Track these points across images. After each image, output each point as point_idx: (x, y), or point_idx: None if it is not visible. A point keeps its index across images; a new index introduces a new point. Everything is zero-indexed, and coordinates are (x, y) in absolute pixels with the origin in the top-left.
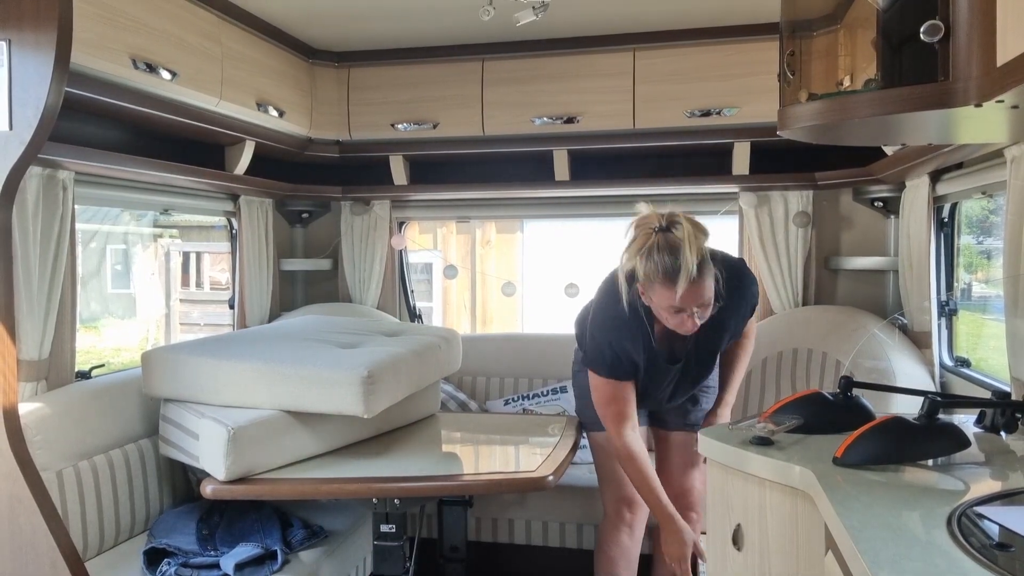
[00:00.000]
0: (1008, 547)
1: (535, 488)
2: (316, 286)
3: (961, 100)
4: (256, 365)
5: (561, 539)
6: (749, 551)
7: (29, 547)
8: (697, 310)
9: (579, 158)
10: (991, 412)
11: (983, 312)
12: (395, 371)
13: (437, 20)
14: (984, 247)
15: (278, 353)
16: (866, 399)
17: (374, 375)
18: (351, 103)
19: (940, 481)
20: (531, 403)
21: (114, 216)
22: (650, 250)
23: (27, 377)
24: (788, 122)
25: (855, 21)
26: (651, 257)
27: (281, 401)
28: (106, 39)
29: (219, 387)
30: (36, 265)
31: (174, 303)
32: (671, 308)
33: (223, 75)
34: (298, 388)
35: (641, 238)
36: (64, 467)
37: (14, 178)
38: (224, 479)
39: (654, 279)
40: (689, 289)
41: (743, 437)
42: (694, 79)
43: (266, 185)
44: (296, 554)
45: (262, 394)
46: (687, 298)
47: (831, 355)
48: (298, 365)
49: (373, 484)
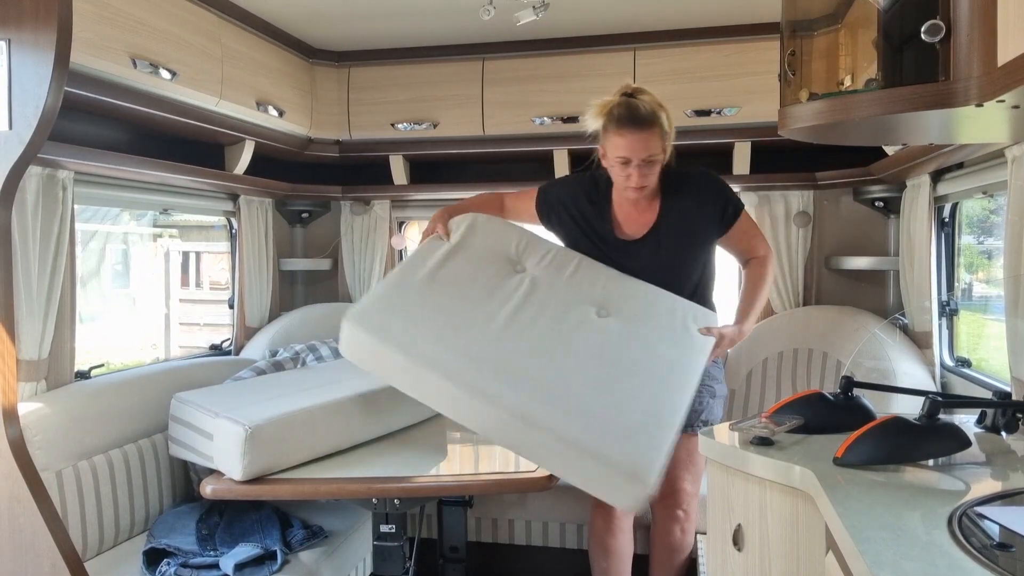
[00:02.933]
0: (1009, 547)
1: (535, 488)
2: (316, 286)
3: (962, 100)
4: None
5: (561, 539)
6: (749, 551)
7: (29, 547)
8: (642, 165)
9: (579, 158)
10: (992, 412)
11: (984, 312)
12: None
13: (437, 20)
14: (985, 247)
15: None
16: (867, 399)
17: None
18: (351, 103)
19: (941, 481)
20: None
21: (114, 216)
22: (612, 107)
23: (27, 377)
24: (788, 122)
25: (856, 21)
26: (611, 111)
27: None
28: (106, 39)
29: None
30: (36, 265)
31: (174, 303)
32: (618, 160)
33: (223, 75)
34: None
35: (610, 102)
36: (64, 467)
37: (14, 178)
38: (240, 479)
39: (608, 127)
40: (634, 134)
41: (743, 437)
42: (694, 79)
43: (266, 185)
44: (296, 554)
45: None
46: (635, 145)
47: (831, 355)
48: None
49: (373, 484)
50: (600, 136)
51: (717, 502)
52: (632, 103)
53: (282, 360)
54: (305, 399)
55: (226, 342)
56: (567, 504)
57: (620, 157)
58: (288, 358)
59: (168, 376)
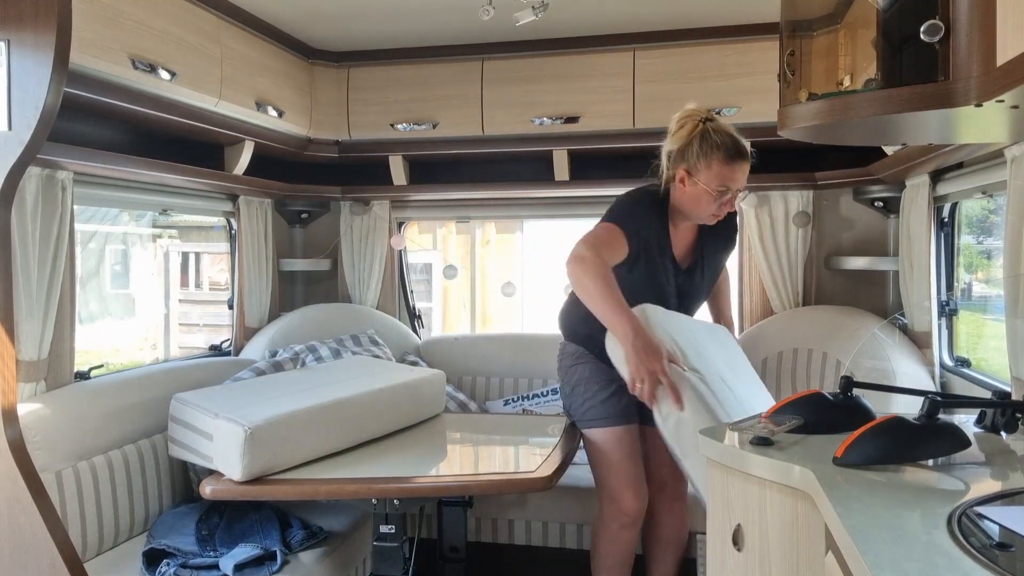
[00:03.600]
0: (1008, 547)
1: (535, 488)
2: (315, 286)
3: (961, 100)
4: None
5: (561, 539)
6: (749, 551)
7: (28, 548)
8: (734, 193)
9: (579, 158)
10: (991, 412)
11: (983, 312)
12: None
13: (437, 20)
14: (984, 247)
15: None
16: (866, 399)
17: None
18: (351, 103)
19: (940, 481)
20: (531, 403)
21: (113, 216)
22: (705, 132)
23: (26, 378)
24: (788, 122)
25: (855, 21)
26: (708, 137)
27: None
28: (105, 39)
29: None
30: (35, 265)
31: (173, 303)
32: (718, 189)
33: (222, 75)
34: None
35: (691, 124)
36: (63, 468)
37: (13, 178)
38: (240, 479)
39: (712, 155)
40: (740, 167)
41: (743, 437)
42: (694, 79)
43: (265, 185)
44: (295, 555)
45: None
46: (739, 176)
47: (831, 355)
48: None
49: (373, 484)
50: (691, 162)
51: (717, 502)
52: (734, 135)
53: (282, 361)
54: (305, 399)
55: (226, 342)
56: (567, 504)
57: (722, 188)
58: (288, 359)
59: (168, 377)
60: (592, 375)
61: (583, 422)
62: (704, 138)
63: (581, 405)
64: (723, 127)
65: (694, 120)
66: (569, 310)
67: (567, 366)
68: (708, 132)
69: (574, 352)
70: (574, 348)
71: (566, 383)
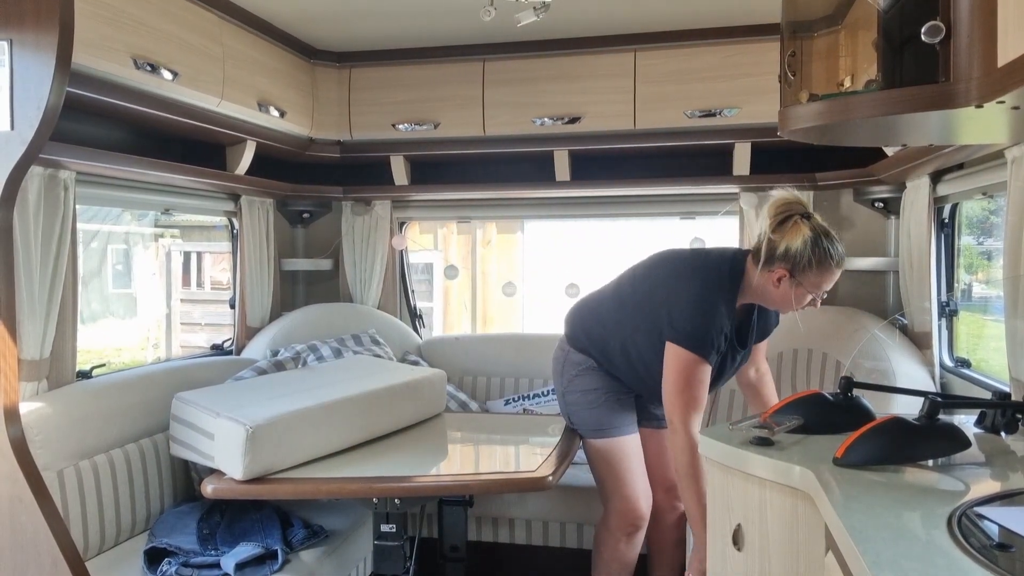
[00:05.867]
0: (1008, 547)
1: (535, 488)
2: (317, 286)
3: (962, 101)
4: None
5: (561, 539)
6: (749, 551)
7: (30, 547)
8: (824, 293)
9: (580, 158)
10: (991, 413)
11: (983, 313)
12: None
13: (438, 20)
14: (984, 248)
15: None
16: (866, 399)
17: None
18: (352, 103)
19: (940, 481)
20: (531, 403)
21: (115, 216)
22: (817, 239)
23: (28, 377)
24: (789, 123)
25: (856, 22)
26: (820, 244)
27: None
28: (107, 39)
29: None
30: (37, 265)
31: (175, 303)
32: (813, 292)
33: (224, 75)
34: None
35: (796, 224)
36: (65, 467)
37: (15, 178)
38: (241, 478)
39: (823, 264)
40: (839, 272)
41: (743, 437)
42: (695, 79)
43: (267, 185)
44: (296, 554)
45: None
46: (836, 279)
47: (831, 355)
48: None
49: (374, 484)
50: (799, 265)
51: (717, 502)
52: (837, 240)
53: (283, 360)
54: (306, 399)
55: (227, 342)
56: (567, 504)
57: (822, 291)
58: (289, 358)
59: (169, 376)
60: (598, 385)
61: (589, 432)
62: (817, 245)
63: (588, 416)
64: (829, 230)
65: (797, 216)
66: (577, 317)
67: (571, 375)
68: (820, 238)
69: (580, 362)
70: (580, 358)
71: (569, 391)
